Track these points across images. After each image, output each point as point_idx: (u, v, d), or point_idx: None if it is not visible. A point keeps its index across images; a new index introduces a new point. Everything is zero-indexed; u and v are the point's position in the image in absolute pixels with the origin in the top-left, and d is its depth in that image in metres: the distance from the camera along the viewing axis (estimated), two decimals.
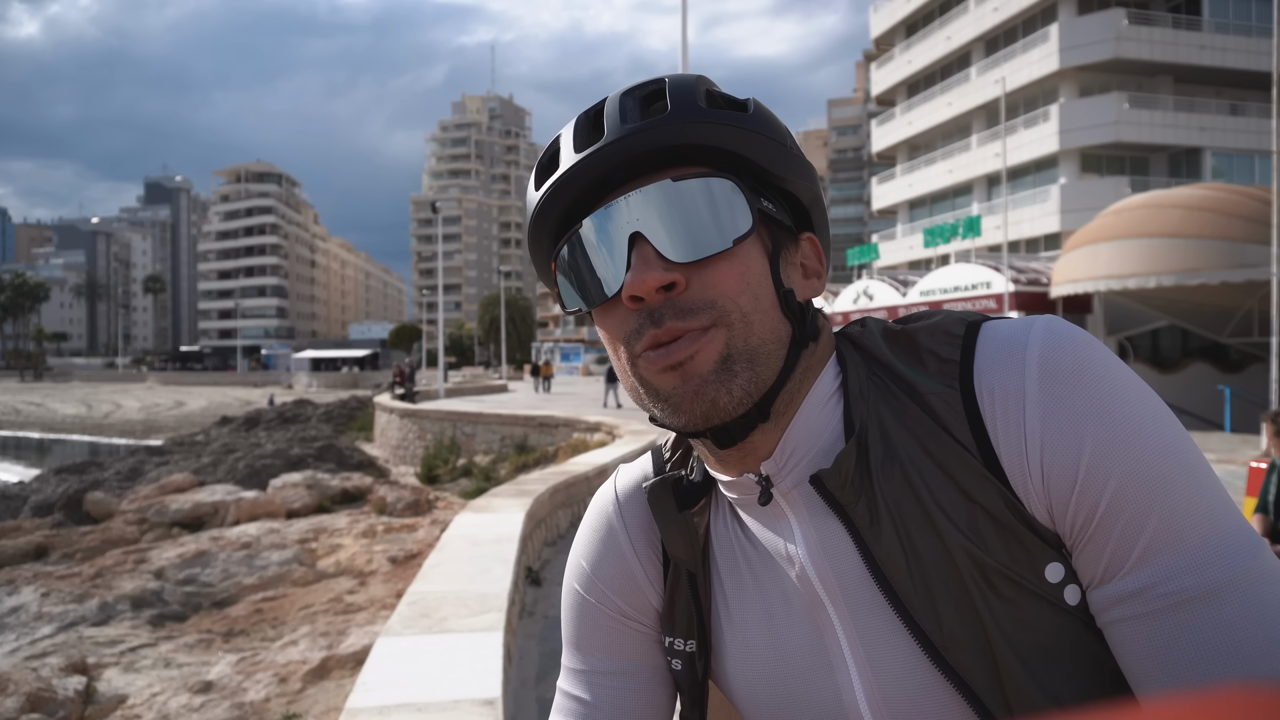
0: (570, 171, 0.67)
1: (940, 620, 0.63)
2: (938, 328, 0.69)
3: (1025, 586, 0.61)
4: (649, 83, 0.70)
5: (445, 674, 2.86)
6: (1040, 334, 0.63)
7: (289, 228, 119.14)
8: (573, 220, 0.70)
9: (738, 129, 0.67)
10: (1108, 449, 0.59)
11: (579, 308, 0.70)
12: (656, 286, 0.64)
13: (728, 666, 0.76)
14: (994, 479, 0.62)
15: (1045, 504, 0.61)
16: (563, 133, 0.71)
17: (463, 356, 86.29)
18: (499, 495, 7.05)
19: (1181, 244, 16.88)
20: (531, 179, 0.73)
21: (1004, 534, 0.62)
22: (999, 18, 33.09)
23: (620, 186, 0.68)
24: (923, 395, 0.66)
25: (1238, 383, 18.04)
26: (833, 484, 0.66)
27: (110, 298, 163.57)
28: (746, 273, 0.66)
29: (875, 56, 44.00)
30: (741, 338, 0.65)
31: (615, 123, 0.67)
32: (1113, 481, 0.58)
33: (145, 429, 42.91)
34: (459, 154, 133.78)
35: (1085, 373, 0.61)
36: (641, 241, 0.65)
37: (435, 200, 38.58)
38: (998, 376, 0.63)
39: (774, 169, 0.69)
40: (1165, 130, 29.93)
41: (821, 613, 0.69)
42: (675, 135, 0.66)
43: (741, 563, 0.75)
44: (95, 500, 13.57)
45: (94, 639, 6.44)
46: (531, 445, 17.19)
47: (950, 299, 23.67)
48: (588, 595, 0.81)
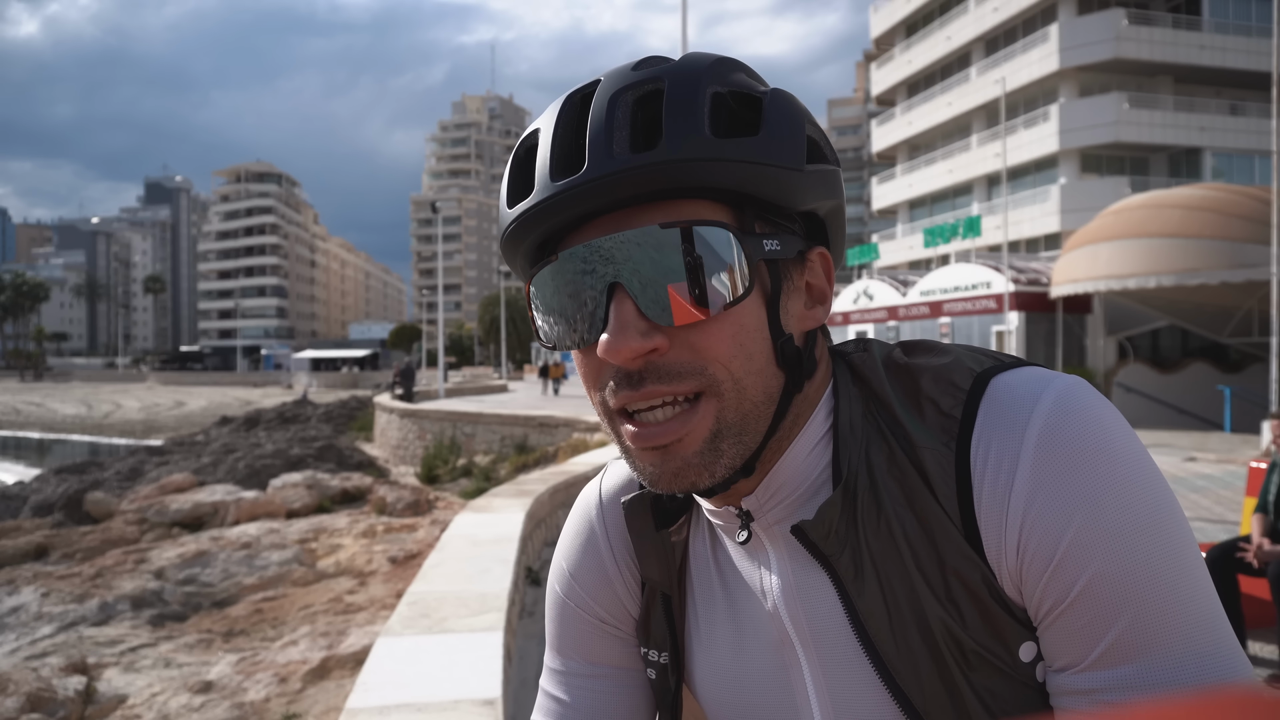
0: (543, 204, 0.59)
1: (922, 683, 0.60)
2: (942, 375, 0.63)
3: (997, 665, 0.59)
4: (645, 79, 0.60)
5: (445, 674, 2.86)
6: (1050, 403, 0.58)
7: (289, 228, 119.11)
8: (550, 241, 0.63)
9: (747, 165, 0.58)
10: (1090, 541, 0.55)
11: (553, 346, 0.64)
12: (634, 355, 0.58)
13: (700, 682, 0.74)
14: (974, 555, 0.59)
15: (1016, 581, 0.58)
16: (540, 128, 0.63)
17: (463, 356, 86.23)
18: (499, 495, 7.05)
19: (1181, 244, 16.87)
20: (505, 180, 0.65)
21: (980, 611, 0.59)
22: (999, 18, 33.08)
23: (603, 215, 0.60)
24: (916, 448, 0.61)
25: (1238, 383, 18.04)
26: (816, 535, 0.62)
27: (110, 298, 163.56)
28: (740, 332, 0.60)
29: (875, 56, 43.99)
30: (733, 408, 0.60)
31: (600, 149, 0.58)
32: (1087, 575, 0.55)
33: (145, 429, 42.90)
34: (459, 154, 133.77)
35: (1087, 454, 0.56)
36: (621, 294, 0.58)
37: (435, 200, 38.60)
38: (994, 441, 0.59)
39: (786, 200, 0.61)
40: (1165, 130, 29.93)
41: (790, 650, 0.67)
42: (671, 177, 0.57)
43: (717, 585, 0.73)
44: (95, 500, 13.56)
45: (94, 639, 6.44)
46: (531, 445, 17.19)
47: (950, 299, 23.67)
48: (567, 598, 0.80)
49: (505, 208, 0.63)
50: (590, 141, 0.58)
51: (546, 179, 0.60)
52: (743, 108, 0.61)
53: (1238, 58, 29.82)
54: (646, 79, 0.60)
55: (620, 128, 0.58)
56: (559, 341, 0.63)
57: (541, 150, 0.61)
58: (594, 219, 0.60)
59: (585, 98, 0.62)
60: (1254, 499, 4.63)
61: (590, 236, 0.60)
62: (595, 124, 0.59)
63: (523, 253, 0.64)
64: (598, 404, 0.64)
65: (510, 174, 0.64)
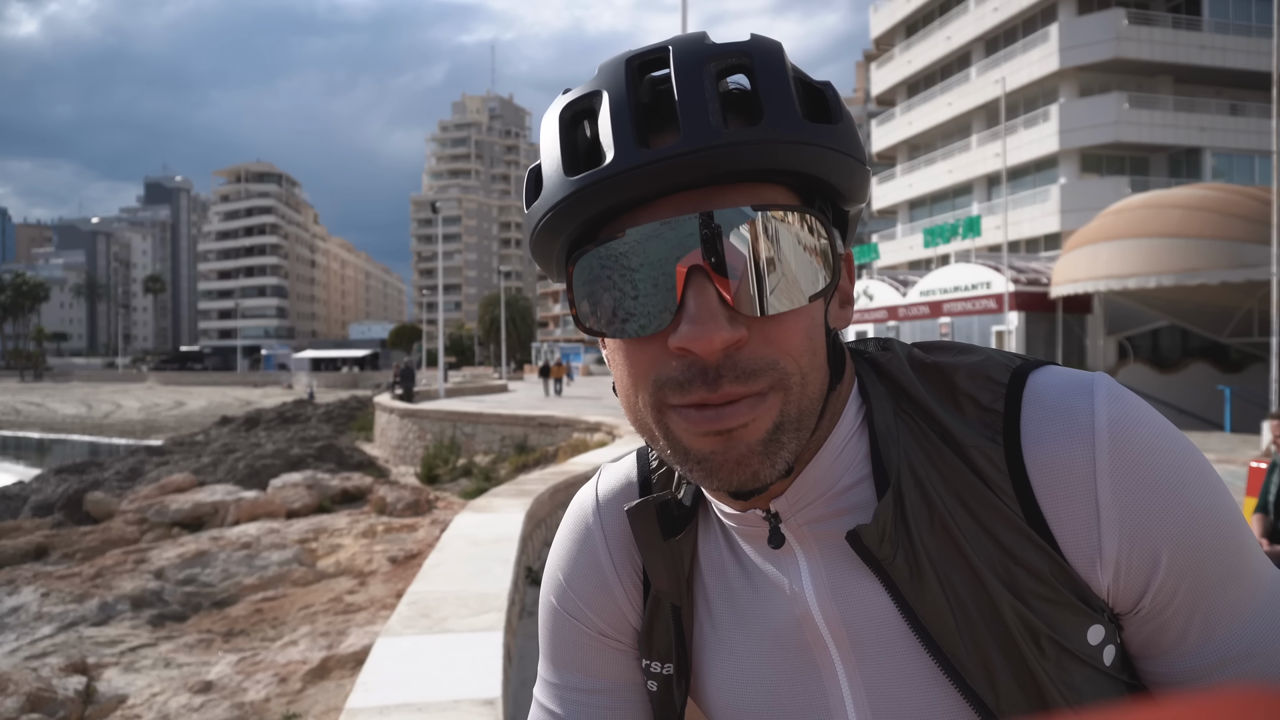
0: (630, 173, 0.54)
1: (995, 682, 0.59)
2: (978, 370, 0.63)
3: (1066, 648, 0.59)
4: (727, 51, 0.56)
5: (445, 674, 2.86)
6: (1106, 405, 0.59)
7: (289, 228, 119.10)
8: (606, 218, 0.58)
9: (833, 152, 0.56)
10: (1185, 535, 0.58)
11: (601, 332, 0.59)
12: (723, 345, 0.54)
13: (712, 695, 0.71)
14: (1043, 543, 0.59)
15: (1111, 578, 0.59)
16: (605, 93, 0.57)
17: (463, 356, 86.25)
18: (499, 495, 7.05)
19: (1181, 244, 16.88)
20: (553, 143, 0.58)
21: (1046, 595, 0.59)
22: (999, 18, 33.08)
23: (679, 192, 0.55)
24: (960, 444, 0.61)
25: (1238, 383, 18.04)
26: (871, 540, 0.60)
27: (110, 298, 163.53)
28: (811, 326, 0.58)
29: (875, 56, 43.99)
30: (796, 402, 0.57)
31: (697, 119, 0.53)
32: (1191, 567, 0.58)
33: (145, 429, 42.90)
34: (459, 154, 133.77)
35: (1158, 454, 0.58)
36: (703, 279, 0.54)
37: (435, 200, 38.59)
38: (1058, 446, 0.58)
39: (853, 195, 0.60)
40: (1165, 130, 29.93)
41: (822, 653, 0.65)
42: (771, 157, 0.54)
43: (735, 591, 0.70)
44: (95, 500, 13.56)
45: (94, 639, 6.44)
46: (531, 445, 17.19)
47: (950, 299, 23.67)
48: (563, 609, 0.76)
49: (561, 174, 0.57)
50: (684, 110, 0.54)
51: (631, 145, 0.54)
52: (810, 94, 0.59)
53: (1238, 58, 29.82)
54: (730, 51, 0.57)
55: (713, 99, 0.54)
56: (618, 327, 0.57)
57: (614, 115, 0.56)
58: (667, 196, 0.56)
59: (646, 64, 0.58)
60: (1254, 499, 4.63)
61: (663, 214, 0.55)
62: (686, 91, 0.54)
63: (570, 232, 0.58)
64: (646, 399, 0.58)
65: (561, 139, 0.58)
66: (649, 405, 0.58)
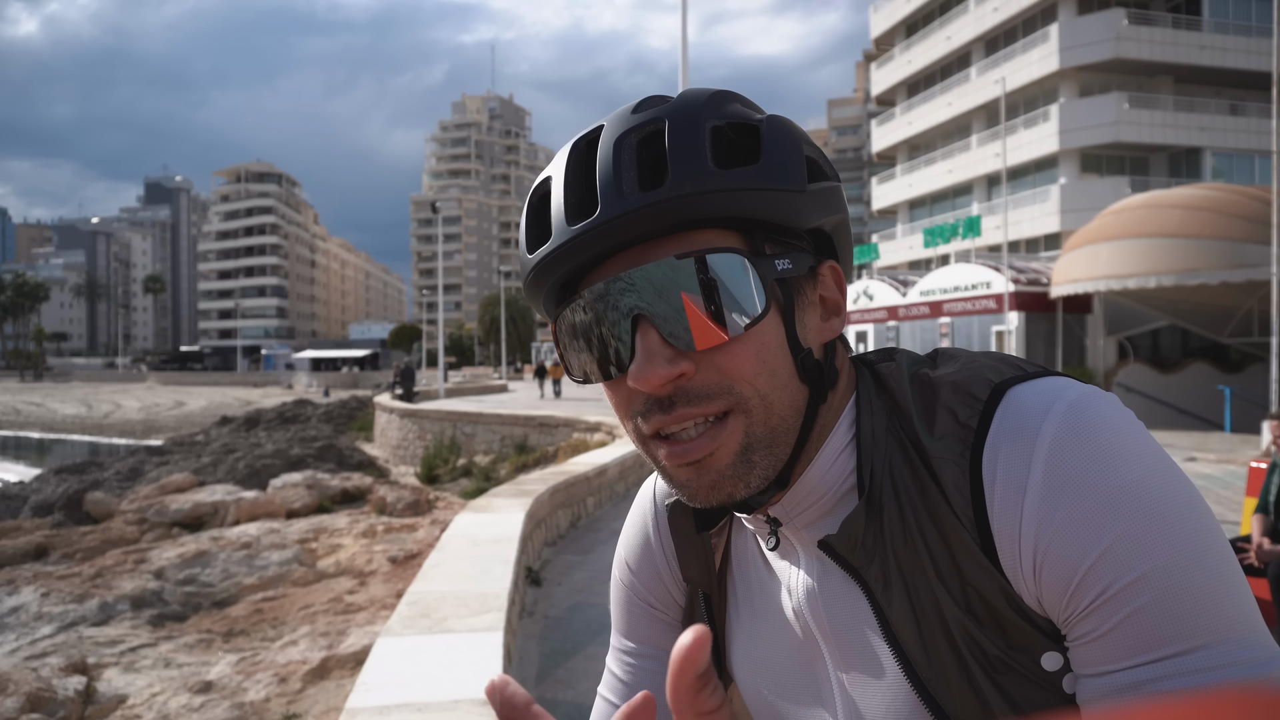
0: (564, 248, 0.62)
1: (953, 691, 0.62)
2: (961, 385, 0.64)
3: (1022, 672, 0.60)
4: (646, 121, 0.62)
5: (445, 674, 2.86)
6: (1060, 412, 0.58)
7: (289, 228, 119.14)
8: (572, 281, 0.66)
9: (752, 192, 0.61)
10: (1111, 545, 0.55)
11: (584, 380, 0.67)
12: (663, 382, 0.60)
13: (738, 673, 0.79)
14: (990, 566, 0.60)
15: (1035, 591, 0.59)
16: (552, 175, 0.66)
17: (463, 356, 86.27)
18: (499, 495, 7.05)
19: (1181, 244, 16.88)
20: (523, 227, 0.68)
21: (999, 621, 0.60)
22: (999, 18, 33.09)
23: (620, 252, 0.63)
24: (932, 459, 0.62)
25: (1238, 383, 18.05)
26: (843, 548, 0.65)
27: (110, 298, 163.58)
28: (762, 350, 0.62)
29: (875, 56, 44.00)
30: (760, 422, 0.62)
31: (611, 191, 0.61)
32: (1111, 579, 0.55)
33: (145, 429, 42.90)
34: (459, 154, 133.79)
35: (1098, 463, 0.56)
36: (646, 325, 0.61)
37: (435, 200, 38.60)
38: (1004, 455, 0.59)
39: (792, 221, 0.64)
40: (1165, 130, 29.93)
41: (814, 646, 0.71)
42: (681, 212, 0.60)
43: (755, 580, 0.77)
44: (95, 500, 13.57)
45: (94, 639, 6.44)
46: (531, 445, 17.20)
47: (950, 299, 23.68)
48: (624, 584, 0.86)
49: (525, 253, 0.67)
50: (601, 185, 0.61)
51: (563, 223, 0.63)
52: (742, 137, 0.64)
53: (1238, 58, 29.82)
54: (647, 121, 0.63)
55: (628, 169, 0.61)
56: (589, 375, 0.66)
57: (555, 197, 0.64)
58: (611, 256, 0.63)
59: (590, 143, 0.65)
60: (1254, 499, 4.63)
61: (610, 273, 0.63)
62: (604, 168, 0.62)
63: (546, 294, 0.67)
64: (631, 431, 0.66)
65: (527, 221, 0.67)
66: (635, 437, 0.66)
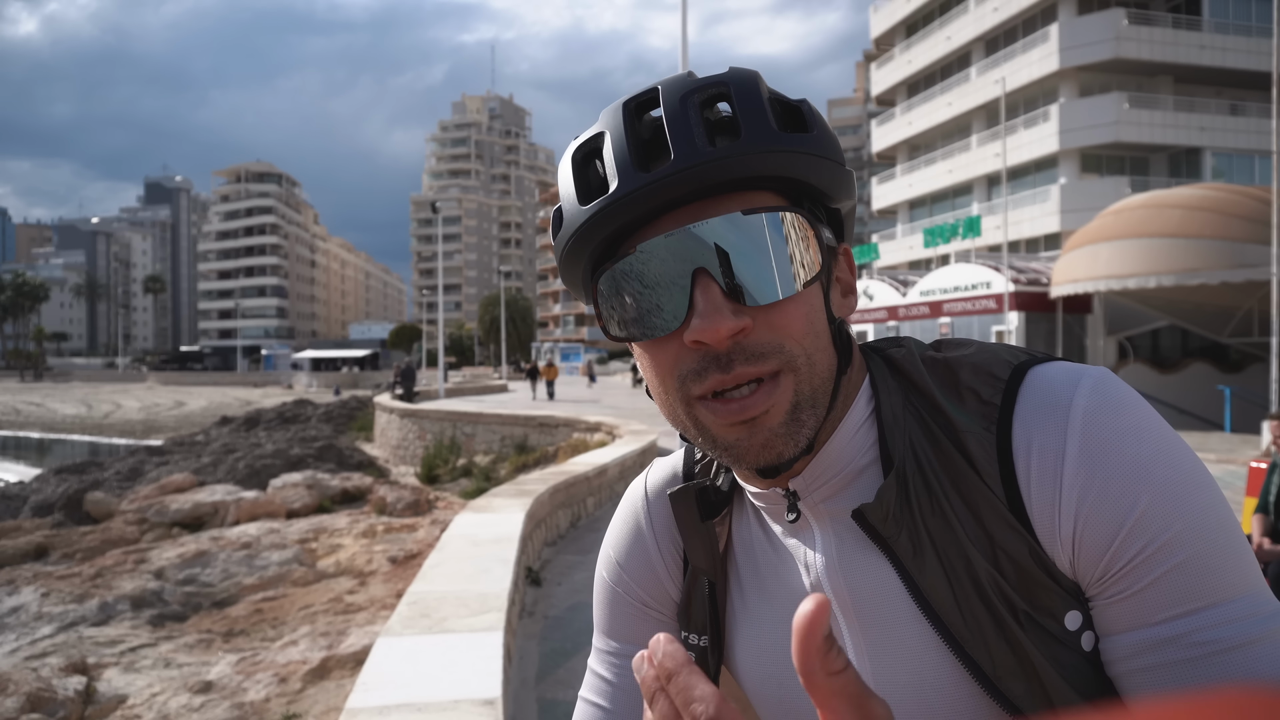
0: (633, 195, 0.62)
1: (990, 650, 0.64)
2: (981, 367, 0.68)
3: (1046, 629, 0.63)
4: (707, 83, 0.65)
5: (445, 674, 2.86)
6: (1087, 393, 0.63)
7: (289, 228, 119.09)
8: (620, 239, 0.66)
9: (809, 156, 0.64)
10: (1150, 509, 0.60)
11: (627, 338, 0.67)
12: (728, 335, 0.61)
13: (741, 662, 0.78)
14: (1019, 527, 0.63)
15: (1070, 557, 0.62)
16: (606, 133, 0.66)
17: (463, 356, 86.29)
18: (499, 495, 7.05)
19: (1181, 244, 16.88)
20: (568, 181, 0.67)
21: (1026, 579, 0.63)
22: (999, 18, 33.09)
23: (678, 208, 0.64)
24: (959, 432, 0.66)
25: (1238, 383, 18.04)
26: (875, 518, 0.66)
27: (110, 298, 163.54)
28: (810, 311, 0.65)
29: (875, 56, 44.00)
30: (807, 382, 0.64)
31: (684, 142, 0.62)
32: (1154, 539, 0.59)
33: (145, 429, 42.89)
34: (459, 154, 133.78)
35: (1129, 435, 0.61)
36: (706, 279, 0.62)
37: (435, 200, 38.61)
38: (1037, 430, 0.63)
39: (834, 193, 0.67)
40: (1165, 130, 29.94)
41: (833, 622, 0.70)
42: (751, 166, 0.62)
43: (763, 565, 0.77)
44: (95, 500, 13.57)
45: (94, 639, 6.44)
46: (531, 445, 17.19)
47: (950, 299, 23.67)
48: (614, 584, 0.85)
49: (577, 205, 0.66)
50: (673, 136, 0.62)
51: (631, 171, 0.63)
52: (787, 111, 0.67)
53: (1238, 58, 29.83)
54: (710, 84, 0.65)
55: (696, 124, 0.63)
56: (640, 331, 0.65)
57: (615, 148, 0.64)
58: (669, 212, 0.64)
59: (641, 105, 0.66)
60: (1254, 499, 4.63)
61: (666, 228, 0.64)
62: (675, 120, 0.63)
63: (592, 250, 0.66)
64: (674, 392, 0.66)
65: (575, 176, 0.67)
66: (678, 399, 0.66)
